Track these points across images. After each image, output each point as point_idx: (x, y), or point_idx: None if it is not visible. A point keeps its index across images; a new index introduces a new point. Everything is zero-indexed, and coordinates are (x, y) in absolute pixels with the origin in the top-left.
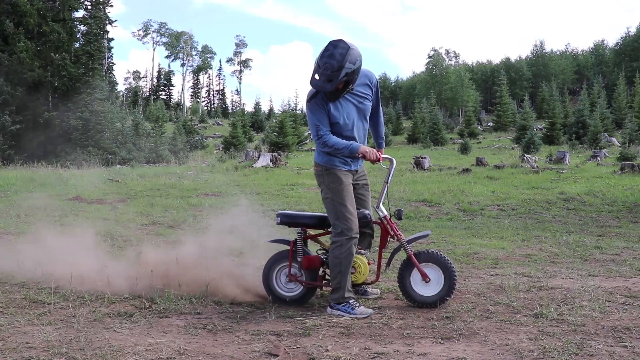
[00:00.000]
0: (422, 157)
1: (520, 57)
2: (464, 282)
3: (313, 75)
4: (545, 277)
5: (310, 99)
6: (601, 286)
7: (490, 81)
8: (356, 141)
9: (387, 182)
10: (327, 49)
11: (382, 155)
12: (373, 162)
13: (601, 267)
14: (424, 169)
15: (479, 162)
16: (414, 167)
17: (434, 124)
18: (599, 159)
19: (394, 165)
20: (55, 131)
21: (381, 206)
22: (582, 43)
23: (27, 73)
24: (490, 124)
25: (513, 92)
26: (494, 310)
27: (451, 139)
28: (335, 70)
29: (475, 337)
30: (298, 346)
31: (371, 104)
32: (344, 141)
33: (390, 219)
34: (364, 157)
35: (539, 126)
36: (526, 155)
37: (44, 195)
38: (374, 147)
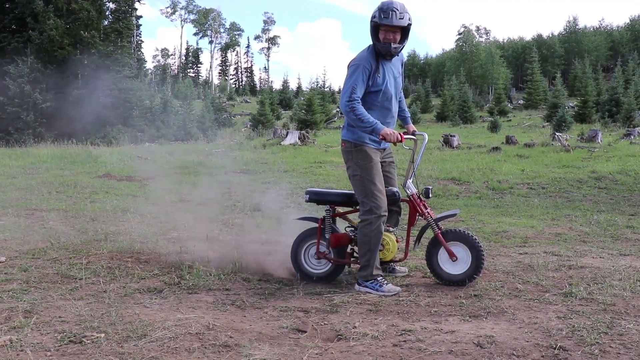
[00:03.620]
0: (451, 135)
1: (552, 34)
2: (493, 261)
3: (380, 22)
4: (575, 256)
5: (357, 61)
6: (632, 265)
7: (522, 58)
8: (391, 114)
9: (412, 161)
10: (383, 4)
11: (406, 136)
12: (395, 143)
13: (633, 247)
14: (453, 147)
15: (509, 141)
16: (442, 145)
17: (463, 101)
18: (632, 137)
19: (426, 140)
20: (84, 109)
21: (410, 184)
22: (617, 19)
23: (57, 51)
24: (521, 101)
25: (544, 70)
26: (522, 289)
27: (481, 117)
28: (404, 11)
29: (504, 316)
30: (326, 323)
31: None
32: (371, 117)
33: (418, 196)
34: (384, 139)
35: (570, 104)
36: (557, 134)
37: (75, 173)
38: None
